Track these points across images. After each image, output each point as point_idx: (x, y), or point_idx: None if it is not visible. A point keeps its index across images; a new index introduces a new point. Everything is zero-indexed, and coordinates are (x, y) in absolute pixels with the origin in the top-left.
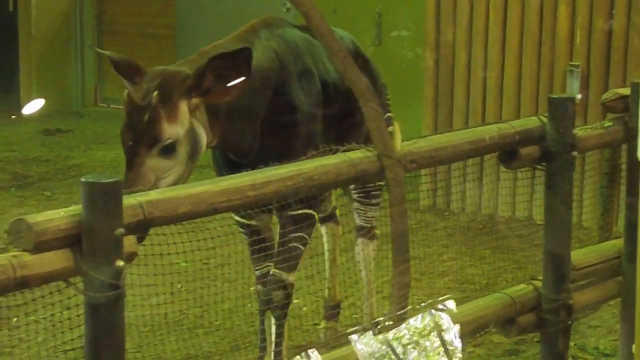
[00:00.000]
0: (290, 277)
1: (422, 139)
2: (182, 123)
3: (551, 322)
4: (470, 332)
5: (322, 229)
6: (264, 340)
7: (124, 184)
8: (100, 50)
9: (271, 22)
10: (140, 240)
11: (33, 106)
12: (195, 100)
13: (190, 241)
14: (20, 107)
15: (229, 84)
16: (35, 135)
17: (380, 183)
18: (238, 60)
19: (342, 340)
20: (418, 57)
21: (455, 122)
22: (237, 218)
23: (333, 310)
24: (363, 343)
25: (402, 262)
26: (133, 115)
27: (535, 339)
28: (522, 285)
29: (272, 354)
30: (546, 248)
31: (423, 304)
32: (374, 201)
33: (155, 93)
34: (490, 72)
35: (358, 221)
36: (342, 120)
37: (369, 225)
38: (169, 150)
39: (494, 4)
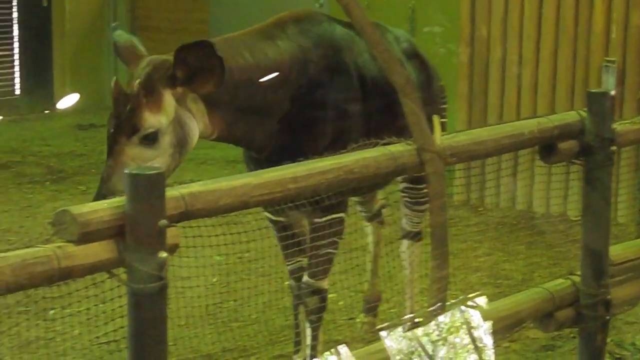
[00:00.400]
0: (324, 283)
1: (462, 133)
2: (166, 112)
3: (589, 317)
4: (507, 327)
5: (368, 228)
6: (298, 334)
7: (103, 171)
8: (117, 30)
9: (303, 16)
10: None
11: (67, 101)
12: (179, 90)
13: (225, 234)
14: (54, 102)
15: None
16: (69, 130)
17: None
18: (202, 52)
19: (377, 335)
20: (450, 52)
21: (490, 118)
22: (266, 214)
23: (372, 304)
24: (392, 340)
25: (440, 255)
26: (118, 103)
27: (572, 335)
28: (560, 280)
29: (308, 349)
30: (585, 243)
31: (453, 301)
32: (421, 208)
33: (138, 81)
34: (525, 68)
35: (406, 226)
36: (386, 115)
37: (416, 229)
38: (150, 140)
39: None
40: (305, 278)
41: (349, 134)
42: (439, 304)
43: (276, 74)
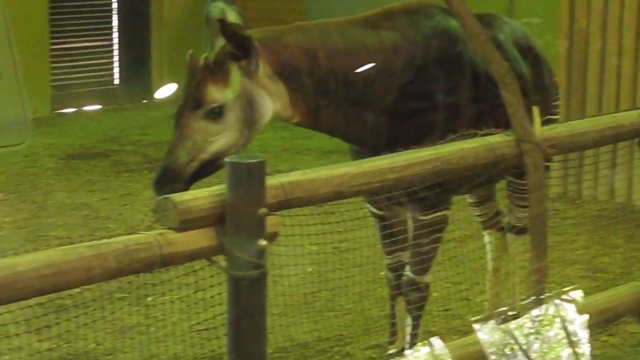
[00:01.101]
0: (425, 278)
1: (562, 125)
2: (232, 87)
3: None
4: (605, 321)
5: (485, 237)
6: (394, 325)
7: (169, 143)
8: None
9: (416, 9)
10: None
11: (165, 91)
12: (244, 63)
13: (321, 224)
14: (152, 92)
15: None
16: (167, 120)
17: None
18: (228, 29)
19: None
20: (548, 44)
21: (588, 110)
22: (368, 207)
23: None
24: (485, 332)
25: (538, 247)
26: (190, 77)
27: None
28: None
29: (406, 340)
30: None
31: (549, 294)
32: (525, 203)
33: (205, 55)
34: (624, 60)
35: (511, 220)
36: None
37: (520, 224)
38: (215, 114)
39: None
40: (408, 273)
41: (459, 129)
42: (536, 296)
43: (371, 65)
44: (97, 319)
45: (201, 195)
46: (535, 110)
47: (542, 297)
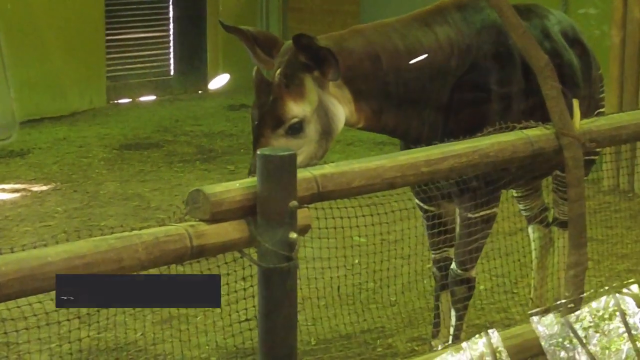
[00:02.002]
0: (472, 273)
1: (602, 118)
2: (310, 100)
3: None
4: None
5: (530, 230)
6: (437, 319)
7: (251, 165)
8: (226, 24)
9: (466, 3)
10: None
11: (218, 81)
12: (317, 74)
13: (367, 215)
14: (207, 83)
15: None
16: (220, 110)
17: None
18: (306, 41)
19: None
20: (604, 35)
21: None
22: (417, 201)
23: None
24: (545, 325)
25: (577, 241)
26: (260, 93)
27: None
28: None
29: (450, 333)
30: None
31: (605, 288)
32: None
33: (279, 70)
34: None
35: (556, 214)
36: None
37: (565, 218)
38: (295, 130)
39: None
40: (454, 267)
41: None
42: (575, 290)
43: (424, 55)
44: (140, 309)
45: (233, 188)
46: (576, 103)
47: (582, 292)
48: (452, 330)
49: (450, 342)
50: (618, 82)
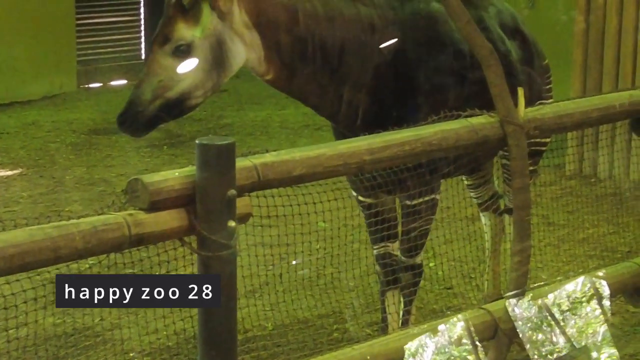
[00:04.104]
0: (418, 259)
1: (548, 106)
2: (203, 27)
3: None
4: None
5: (482, 218)
6: (385, 321)
7: (138, 79)
8: None
9: None
10: None
11: (187, 65)
12: (222, 4)
13: (330, 200)
14: None
15: None
16: None
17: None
18: None
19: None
20: (572, 20)
21: (605, 87)
22: (354, 194)
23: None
24: (522, 307)
25: (522, 228)
26: (164, 12)
27: None
28: None
29: (399, 323)
30: None
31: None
32: None
33: None
34: None
35: (508, 203)
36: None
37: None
38: (182, 52)
39: None
40: (399, 256)
41: (439, 110)
42: (520, 277)
43: (394, 40)
44: None
45: (171, 177)
46: (520, 91)
47: (527, 278)
48: (401, 314)
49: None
50: (582, 68)
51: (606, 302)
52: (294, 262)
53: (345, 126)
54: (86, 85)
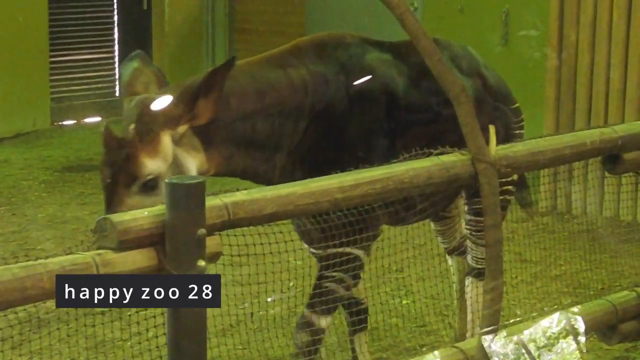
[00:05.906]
0: (322, 322)
1: (519, 143)
2: (165, 156)
3: None
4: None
5: (449, 261)
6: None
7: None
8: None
9: (327, 41)
10: None
11: (161, 102)
12: (181, 129)
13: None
14: None
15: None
16: None
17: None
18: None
19: None
20: (545, 57)
21: (578, 123)
22: (307, 247)
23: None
24: (498, 344)
25: (494, 266)
26: (111, 150)
27: None
28: (625, 292)
29: None
30: None
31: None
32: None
33: (133, 126)
34: (613, 73)
35: (470, 262)
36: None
37: (479, 266)
38: (150, 187)
39: (618, 4)
40: (303, 309)
41: (382, 155)
42: (492, 316)
43: (369, 77)
44: (74, 334)
45: (141, 216)
46: (492, 129)
47: (499, 316)
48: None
49: None
50: (554, 105)
51: (581, 338)
52: (268, 300)
53: None
54: (60, 123)
